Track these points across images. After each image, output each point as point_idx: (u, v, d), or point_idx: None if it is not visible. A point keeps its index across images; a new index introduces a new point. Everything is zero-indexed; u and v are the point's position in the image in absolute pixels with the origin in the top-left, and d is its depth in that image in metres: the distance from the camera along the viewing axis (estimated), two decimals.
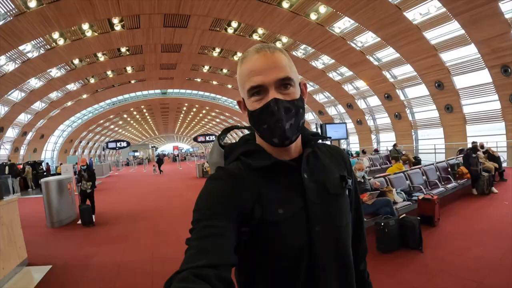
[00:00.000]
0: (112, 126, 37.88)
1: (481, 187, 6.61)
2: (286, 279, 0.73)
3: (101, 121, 31.76)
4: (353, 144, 22.42)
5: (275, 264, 0.73)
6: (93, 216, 6.63)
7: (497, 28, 10.25)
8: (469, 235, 4.40)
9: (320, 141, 0.89)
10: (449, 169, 7.17)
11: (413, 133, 17.37)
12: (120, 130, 43.08)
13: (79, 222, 6.52)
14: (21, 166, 15.50)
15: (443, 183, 6.51)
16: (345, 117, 21.30)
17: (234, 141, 0.90)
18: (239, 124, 0.98)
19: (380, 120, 19.35)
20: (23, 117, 19.74)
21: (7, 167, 13.55)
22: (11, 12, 10.86)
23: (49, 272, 3.94)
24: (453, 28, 11.76)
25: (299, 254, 0.73)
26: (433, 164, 6.95)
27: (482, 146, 8.60)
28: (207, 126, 46.14)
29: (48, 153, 26.69)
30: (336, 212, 0.79)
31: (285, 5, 11.92)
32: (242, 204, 0.72)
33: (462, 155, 7.72)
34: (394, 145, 10.74)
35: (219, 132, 0.95)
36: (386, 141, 19.33)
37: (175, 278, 0.55)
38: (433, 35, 12.50)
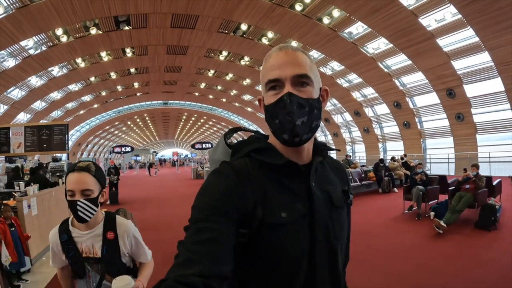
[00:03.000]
0: (116, 132, 40.50)
1: (383, 187, 9.44)
2: (283, 286, 0.70)
3: (107, 127, 34.36)
4: (332, 155, 25.02)
5: (273, 269, 0.69)
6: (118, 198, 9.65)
7: (439, 59, 12.13)
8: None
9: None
10: (363, 174, 9.99)
11: (381, 145, 19.73)
12: (123, 136, 45.68)
13: (108, 202, 9.43)
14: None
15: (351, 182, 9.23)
16: (324, 130, 24.08)
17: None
18: (245, 127, 0.94)
19: (355, 133, 21.70)
20: None
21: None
22: (43, 41, 13.64)
23: None
24: (403, 59, 14.00)
25: (299, 262, 0.70)
26: (348, 169, 9.79)
27: (402, 158, 11.42)
28: (205, 134, 48.82)
29: None
30: (338, 224, 0.78)
31: (264, 40, 14.95)
32: (244, 202, 0.68)
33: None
34: (346, 156, 13.50)
35: (215, 137, 1.78)
36: (360, 152, 21.92)
37: (160, 287, 0.52)
38: (388, 64, 14.96)
